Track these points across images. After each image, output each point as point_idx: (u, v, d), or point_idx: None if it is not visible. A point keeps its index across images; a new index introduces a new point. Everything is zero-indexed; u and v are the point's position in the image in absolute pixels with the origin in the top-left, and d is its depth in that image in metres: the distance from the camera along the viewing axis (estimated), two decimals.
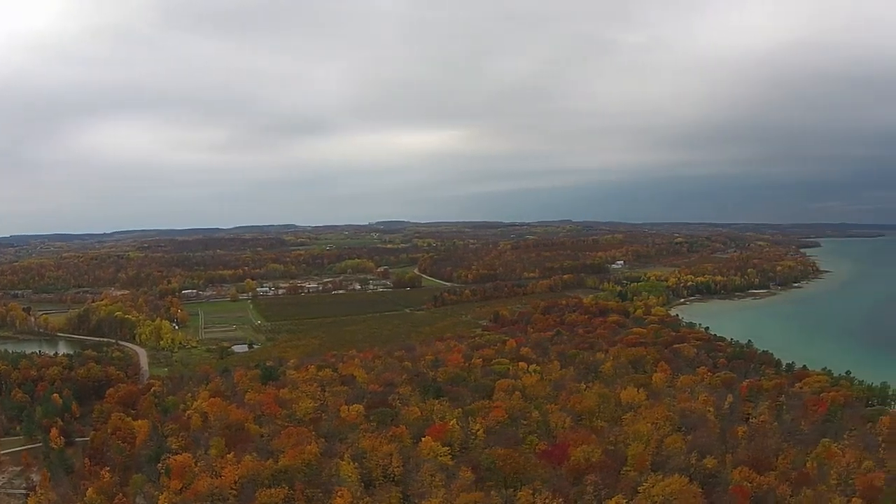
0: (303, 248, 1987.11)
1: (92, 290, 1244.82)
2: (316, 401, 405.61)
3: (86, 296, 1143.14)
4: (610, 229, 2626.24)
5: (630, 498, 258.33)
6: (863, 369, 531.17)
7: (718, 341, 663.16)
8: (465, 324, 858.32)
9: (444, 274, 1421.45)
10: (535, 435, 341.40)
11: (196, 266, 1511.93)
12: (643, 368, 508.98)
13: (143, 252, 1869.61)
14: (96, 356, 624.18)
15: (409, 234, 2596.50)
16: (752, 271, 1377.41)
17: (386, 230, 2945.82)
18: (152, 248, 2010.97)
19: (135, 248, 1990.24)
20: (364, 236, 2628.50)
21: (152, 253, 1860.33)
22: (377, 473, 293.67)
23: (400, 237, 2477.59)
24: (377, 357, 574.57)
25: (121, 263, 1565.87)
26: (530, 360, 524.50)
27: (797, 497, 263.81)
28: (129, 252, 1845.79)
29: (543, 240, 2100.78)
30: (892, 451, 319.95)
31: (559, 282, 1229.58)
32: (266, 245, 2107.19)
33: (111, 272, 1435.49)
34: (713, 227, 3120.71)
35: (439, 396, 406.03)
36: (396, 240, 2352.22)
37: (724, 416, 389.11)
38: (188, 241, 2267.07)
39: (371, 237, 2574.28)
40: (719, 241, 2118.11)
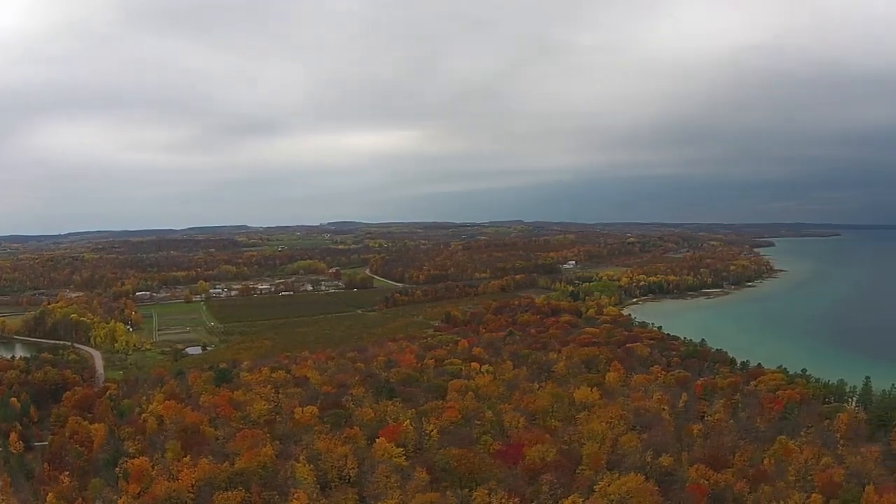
0: (255, 250, 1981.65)
1: (47, 292, 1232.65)
2: (270, 403, 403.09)
3: (41, 298, 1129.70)
4: (561, 229, 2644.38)
5: (586, 497, 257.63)
6: (819, 367, 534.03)
7: (672, 340, 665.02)
8: (416, 324, 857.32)
9: (396, 274, 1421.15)
10: (489, 435, 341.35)
11: (150, 268, 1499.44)
12: (596, 368, 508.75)
13: (97, 254, 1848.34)
14: (53, 359, 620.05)
15: (360, 235, 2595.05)
16: (706, 271, 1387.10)
17: (337, 231, 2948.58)
18: (107, 250, 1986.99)
19: (90, 250, 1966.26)
20: (316, 237, 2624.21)
21: (107, 254, 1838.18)
22: (333, 475, 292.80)
23: (351, 238, 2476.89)
24: (330, 358, 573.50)
25: (76, 265, 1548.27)
26: (483, 361, 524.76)
27: (755, 494, 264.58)
28: (85, 254, 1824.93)
29: (495, 240, 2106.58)
30: (850, 448, 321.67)
31: (511, 282, 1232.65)
32: (219, 246, 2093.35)
33: (66, 274, 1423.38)
34: (666, 228, 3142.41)
35: (392, 397, 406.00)
36: (348, 240, 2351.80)
37: (679, 414, 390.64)
38: (142, 243, 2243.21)
39: (323, 238, 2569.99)
40: (672, 241, 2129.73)
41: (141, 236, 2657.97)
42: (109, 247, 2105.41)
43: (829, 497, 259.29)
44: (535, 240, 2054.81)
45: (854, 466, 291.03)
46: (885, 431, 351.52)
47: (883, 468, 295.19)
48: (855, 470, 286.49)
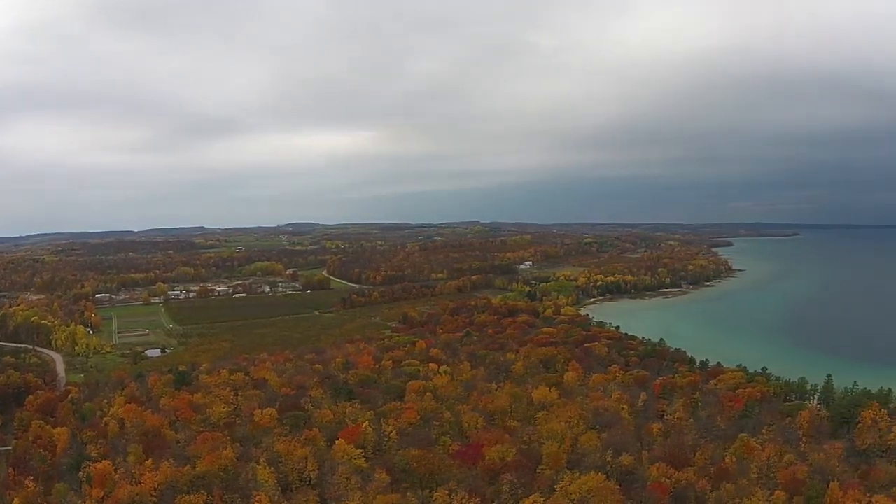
0: (213, 251, 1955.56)
1: (8, 294, 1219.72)
2: (229, 405, 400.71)
3: (2, 301, 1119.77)
4: (518, 230, 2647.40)
5: (547, 496, 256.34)
6: (779, 366, 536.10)
7: (630, 340, 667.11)
8: (374, 325, 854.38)
9: (353, 276, 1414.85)
10: (448, 436, 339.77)
11: (109, 270, 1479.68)
12: (554, 368, 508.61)
13: (58, 256, 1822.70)
14: (15, 363, 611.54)
15: (317, 236, 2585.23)
16: (664, 270, 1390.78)
17: (295, 232, 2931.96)
18: (67, 252, 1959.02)
19: (50, 252, 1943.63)
20: (273, 238, 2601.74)
21: (67, 257, 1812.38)
22: (293, 477, 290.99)
23: (308, 239, 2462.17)
24: (288, 360, 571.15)
25: (36, 267, 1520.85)
26: (440, 361, 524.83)
27: (718, 492, 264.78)
28: (45, 256, 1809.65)
29: (451, 241, 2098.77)
30: (813, 445, 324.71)
31: (468, 283, 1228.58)
32: (177, 248, 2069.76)
33: (27, 276, 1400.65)
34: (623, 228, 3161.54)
35: (351, 399, 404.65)
36: (305, 242, 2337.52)
37: (639, 413, 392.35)
38: (102, 245, 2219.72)
39: (280, 239, 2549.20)
40: (629, 241, 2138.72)
41: (100, 238, 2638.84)
42: (69, 249, 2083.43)
43: (793, 494, 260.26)
44: (491, 240, 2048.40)
45: (817, 463, 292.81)
46: (848, 428, 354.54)
47: (846, 465, 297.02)
48: (818, 467, 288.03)
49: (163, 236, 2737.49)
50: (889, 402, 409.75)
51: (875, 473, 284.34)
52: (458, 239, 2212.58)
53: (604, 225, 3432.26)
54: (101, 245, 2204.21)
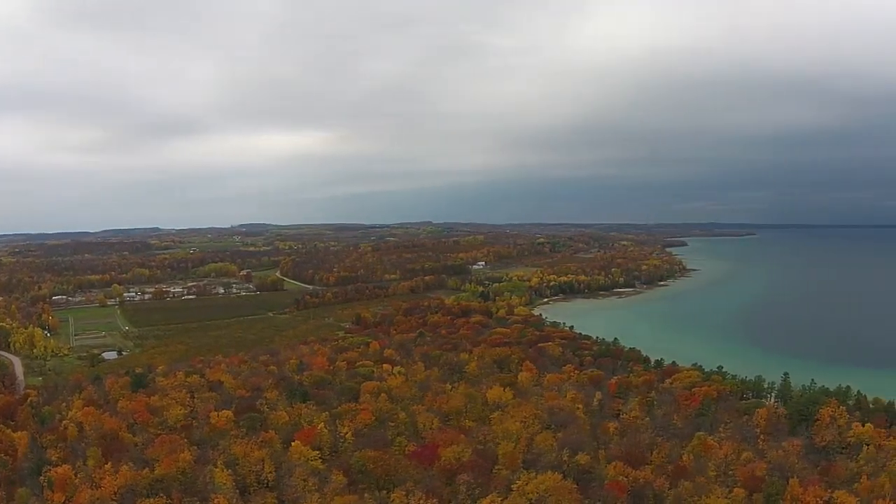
0: (167, 252, 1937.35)
1: None
2: (186, 407, 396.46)
3: None
4: (471, 230, 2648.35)
5: (504, 496, 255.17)
6: (735, 364, 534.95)
7: (584, 340, 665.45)
8: (327, 326, 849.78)
9: (306, 276, 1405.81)
10: (403, 436, 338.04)
11: (66, 271, 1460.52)
12: (508, 368, 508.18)
13: (14, 257, 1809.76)
14: None
15: (270, 237, 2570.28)
16: (617, 270, 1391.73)
17: (248, 233, 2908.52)
18: (23, 253, 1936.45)
19: (7, 254, 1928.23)
20: (226, 239, 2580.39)
21: (24, 258, 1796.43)
22: (251, 480, 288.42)
23: (262, 240, 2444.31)
24: (243, 362, 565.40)
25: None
26: (394, 362, 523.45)
27: (676, 490, 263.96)
28: (2, 258, 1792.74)
29: (404, 241, 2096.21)
30: (771, 442, 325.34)
31: (421, 283, 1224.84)
32: (132, 249, 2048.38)
33: None
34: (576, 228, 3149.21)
35: (306, 400, 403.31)
36: (258, 242, 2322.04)
37: (594, 412, 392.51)
38: (58, 246, 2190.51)
39: (233, 240, 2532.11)
40: (582, 242, 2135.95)
41: (57, 239, 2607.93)
42: (26, 250, 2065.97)
43: (753, 491, 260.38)
44: (444, 241, 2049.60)
45: (776, 460, 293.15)
46: (807, 426, 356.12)
47: (806, 462, 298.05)
48: (777, 464, 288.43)
49: (118, 237, 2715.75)
50: (848, 399, 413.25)
51: (835, 470, 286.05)
52: (410, 239, 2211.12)
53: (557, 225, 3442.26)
54: (58, 246, 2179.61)
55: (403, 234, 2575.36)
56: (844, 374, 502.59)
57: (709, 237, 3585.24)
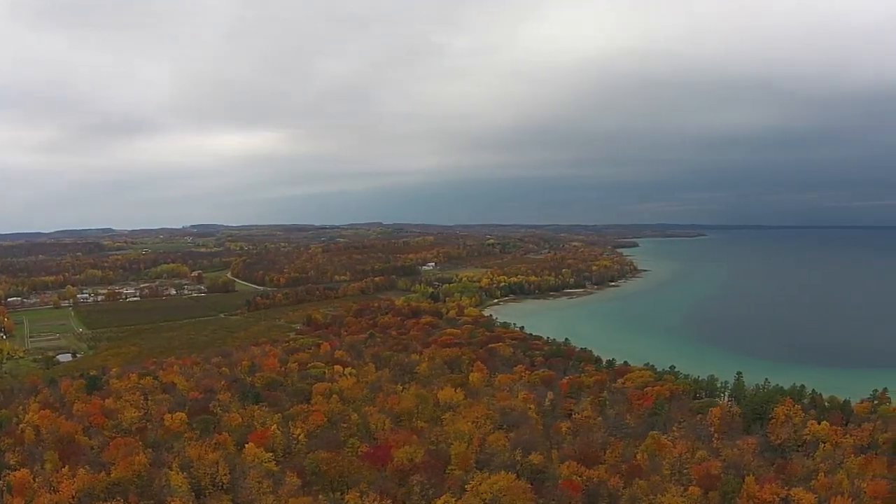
0: (120, 253, 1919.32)
1: None
2: (140, 410, 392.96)
3: None
4: (421, 231, 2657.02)
5: (458, 496, 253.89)
6: (687, 364, 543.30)
7: (535, 340, 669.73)
8: (279, 328, 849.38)
9: (257, 278, 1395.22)
10: (356, 437, 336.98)
11: (20, 272, 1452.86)
12: (459, 368, 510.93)
13: None
14: None
15: (221, 238, 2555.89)
16: (568, 271, 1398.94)
17: (200, 234, 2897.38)
18: None
19: None
20: (178, 240, 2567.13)
21: None
22: (206, 482, 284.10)
23: (213, 241, 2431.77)
24: (195, 363, 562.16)
25: None
26: (345, 363, 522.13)
27: (630, 489, 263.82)
28: None
29: (354, 242, 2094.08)
30: (726, 441, 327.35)
31: (371, 284, 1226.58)
32: (85, 250, 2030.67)
33: None
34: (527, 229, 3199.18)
35: (258, 402, 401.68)
36: (210, 243, 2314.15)
37: (547, 412, 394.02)
38: (12, 247, 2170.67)
39: (185, 241, 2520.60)
40: (533, 242, 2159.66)
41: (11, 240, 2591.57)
42: None
43: (708, 489, 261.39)
44: (394, 241, 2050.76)
45: (731, 459, 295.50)
46: (762, 424, 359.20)
47: (761, 459, 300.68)
48: (733, 462, 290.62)
49: (72, 238, 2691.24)
50: (803, 398, 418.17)
51: (791, 467, 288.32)
52: (361, 240, 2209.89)
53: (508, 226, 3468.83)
54: (12, 247, 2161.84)
55: (353, 235, 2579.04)
56: (798, 373, 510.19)
57: (660, 238, 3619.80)
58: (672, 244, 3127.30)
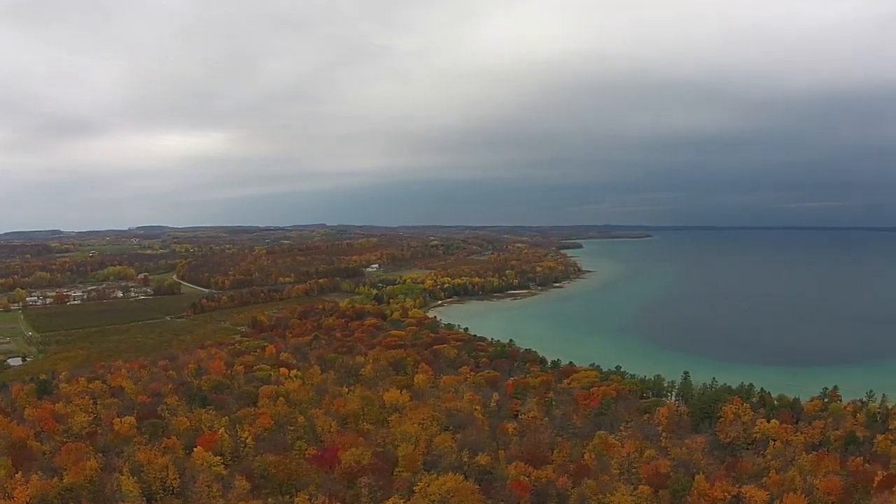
0: (68, 255, 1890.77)
1: None
2: (90, 414, 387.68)
3: None
4: (364, 233, 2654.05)
5: (407, 498, 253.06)
6: (633, 364, 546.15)
7: (479, 341, 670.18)
8: (224, 330, 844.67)
9: (202, 280, 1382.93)
10: (303, 440, 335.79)
11: None
12: (404, 370, 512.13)
13: None
14: None
15: (167, 240, 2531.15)
16: (511, 272, 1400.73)
17: (146, 235, 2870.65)
18: None
19: None
20: (125, 242, 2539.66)
21: None
22: (157, 487, 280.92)
23: (159, 243, 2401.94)
24: (143, 367, 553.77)
25: None
26: (291, 366, 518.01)
27: (579, 488, 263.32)
28: None
29: (298, 244, 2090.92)
30: (675, 440, 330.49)
31: (315, 286, 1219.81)
32: (33, 252, 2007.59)
33: None
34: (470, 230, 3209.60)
35: (205, 405, 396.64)
36: (155, 245, 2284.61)
37: (492, 413, 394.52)
38: None
39: (131, 243, 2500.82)
40: (476, 244, 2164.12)
41: None
42: None
43: (658, 488, 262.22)
44: (338, 243, 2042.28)
45: (680, 457, 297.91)
46: (710, 423, 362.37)
47: (711, 458, 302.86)
48: (682, 461, 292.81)
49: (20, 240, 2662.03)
50: (751, 396, 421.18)
51: (742, 465, 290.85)
52: (305, 242, 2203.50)
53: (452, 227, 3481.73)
54: None
55: (297, 237, 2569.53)
56: (746, 372, 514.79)
57: (605, 239, 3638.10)
58: (617, 245, 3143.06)
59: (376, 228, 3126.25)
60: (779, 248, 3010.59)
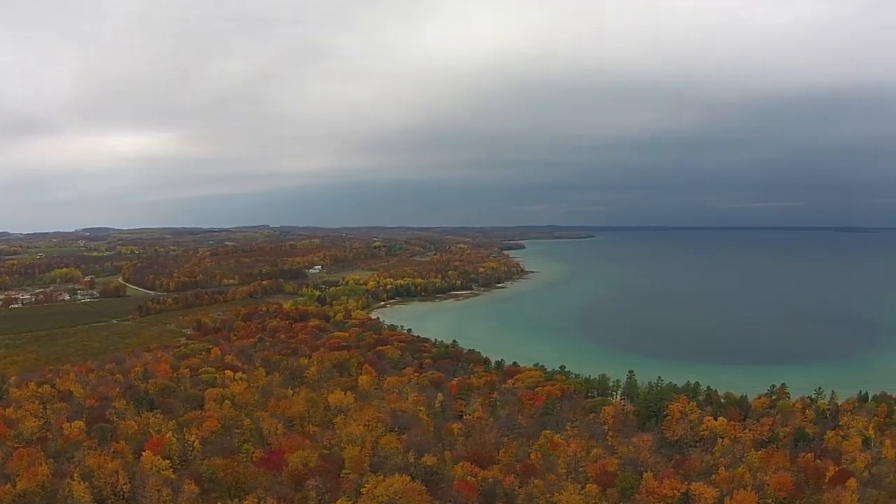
0: (16, 258, 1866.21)
1: None
2: (39, 419, 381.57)
3: None
4: (307, 234, 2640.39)
5: (354, 500, 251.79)
6: (577, 364, 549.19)
7: (422, 342, 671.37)
8: (170, 333, 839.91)
9: (147, 282, 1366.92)
10: (250, 443, 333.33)
11: None
12: (348, 371, 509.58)
13: None
14: None
15: (113, 242, 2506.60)
16: (454, 273, 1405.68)
17: (92, 237, 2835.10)
18: None
19: None
20: (71, 244, 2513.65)
21: None
22: (107, 492, 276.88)
23: (104, 245, 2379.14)
24: (90, 371, 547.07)
25: None
26: (236, 368, 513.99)
27: (527, 488, 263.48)
28: None
29: (242, 245, 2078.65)
30: (621, 439, 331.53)
31: (259, 288, 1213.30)
32: None
33: None
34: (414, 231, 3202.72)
35: (153, 409, 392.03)
36: (101, 247, 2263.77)
37: (437, 414, 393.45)
38: None
39: (78, 245, 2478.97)
40: (419, 245, 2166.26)
41: None
42: None
43: (606, 486, 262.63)
44: (281, 245, 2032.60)
45: (627, 456, 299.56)
46: (657, 421, 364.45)
47: (658, 456, 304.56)
48: (629, 459, 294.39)
49: None
50: (697, 394, 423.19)
51: (690, 463, 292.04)
52: (248, 243, 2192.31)
53: (395, 228, 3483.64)
54: None
55: (242, 239, 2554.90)
56: (692, 370, 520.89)
57: (547, 240, 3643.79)
58: (559, 246, 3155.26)
59: (319, 230, 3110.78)
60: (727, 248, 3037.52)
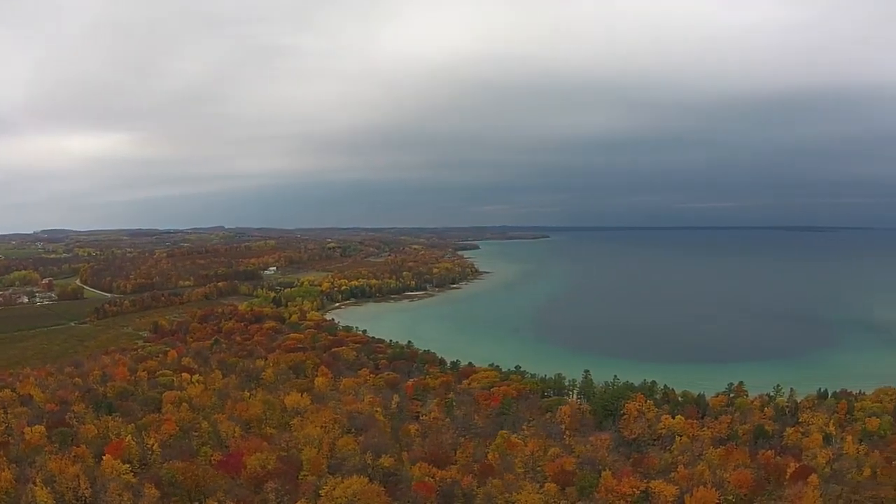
0: None
1: None
2: (0, 424, 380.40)
3: None
4: (262, 235, 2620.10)
5: (313, 502, 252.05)
6: (533, 363, 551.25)
7: (378, 343, 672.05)
8: (127, 336, 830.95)
9: (105, 284, 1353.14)
10: (208, 446, 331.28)
11: None
12: (304, 373, 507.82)
13: None
14: None
15: (70, 244, 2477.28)
16: (408, 274, 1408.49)
17: (50, 239, 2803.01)
18: None
19: None
20: (30, 246, 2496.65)
21: None
22: (69, 496, 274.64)
23: (62, 246, 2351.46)
24: (50, 374, 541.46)
25: None
26: (193, 371, 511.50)
27: (485, 488, 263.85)
28: None
29: (197, 247, 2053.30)
30: (579, 438, 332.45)
31: (214, 289, 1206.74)
32: None
33: None
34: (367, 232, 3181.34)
35: (112, 412, 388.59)
36: (59, 249, 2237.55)
37: (394, 415, 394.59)
38: None
39: (36, 247, 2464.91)
40: (373, 246, 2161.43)
41: None
42: None
43: (565, 485, 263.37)
44: (236, 246, 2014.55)
45: (585, 455, 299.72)
46: (614, 420, 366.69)
47: (616, 454, 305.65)
48: (587, 458, 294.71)
49: None
50: (654, 393, 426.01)
51: (648, 461, 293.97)
52: (204, 245, 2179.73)
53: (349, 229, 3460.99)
54: None
55: (197, 240, 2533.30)
56: (648, 369, 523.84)
57: (502, 240, 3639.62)
58: (513, 246, 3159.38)
59: (274, 231, 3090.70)
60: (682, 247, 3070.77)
